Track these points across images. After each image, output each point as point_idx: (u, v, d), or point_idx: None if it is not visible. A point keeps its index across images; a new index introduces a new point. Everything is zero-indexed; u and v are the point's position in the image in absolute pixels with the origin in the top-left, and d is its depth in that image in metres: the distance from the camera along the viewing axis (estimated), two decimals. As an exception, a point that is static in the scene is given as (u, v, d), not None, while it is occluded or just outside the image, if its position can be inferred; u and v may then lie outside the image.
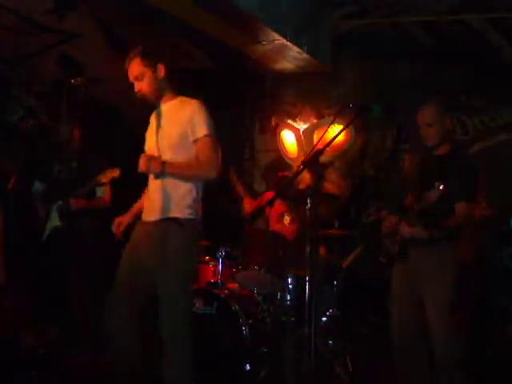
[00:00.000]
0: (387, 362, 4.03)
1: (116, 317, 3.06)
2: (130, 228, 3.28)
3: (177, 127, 3.10)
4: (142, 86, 3.14)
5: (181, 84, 3.26)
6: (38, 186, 4.74)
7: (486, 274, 5.01)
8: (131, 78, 3.17)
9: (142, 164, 3.01)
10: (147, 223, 3.14)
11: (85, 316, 4.43)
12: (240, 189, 5.35)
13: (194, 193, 3.10)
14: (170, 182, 3.06)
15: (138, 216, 3.28)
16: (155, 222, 3.08)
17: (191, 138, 3.08)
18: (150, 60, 3.13)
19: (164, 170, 3.00)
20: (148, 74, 3.12)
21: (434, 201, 3.22)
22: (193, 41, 5.62)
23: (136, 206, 3.35)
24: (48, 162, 4.86)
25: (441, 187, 3.20)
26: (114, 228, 3.28)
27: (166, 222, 3.04)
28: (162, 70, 3.15)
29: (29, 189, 4.81)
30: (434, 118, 3.53)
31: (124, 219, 3.30)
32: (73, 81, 2.93)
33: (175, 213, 3.05)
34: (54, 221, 4.60)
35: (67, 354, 4.24)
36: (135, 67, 3.14)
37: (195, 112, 3.08)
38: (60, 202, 4.56)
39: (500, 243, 5.14)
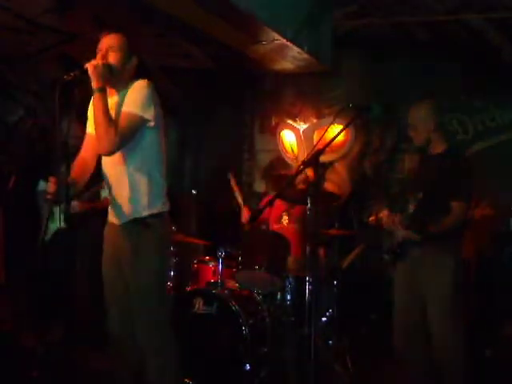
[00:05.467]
0: (387, 362, 4.03)
1: (114, 325, 3.02)
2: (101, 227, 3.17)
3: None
4: (110, 59, 2.87)
5: (182, 84, 3.21)
6: (42, 185, 4.71)
7: (486, 274, 5.02)
8: (100, 46, 2.90)
9: (92, 66, 2.75)
10: (114, 225, 3.02)
11: (88, 316, 4.43)
12: (238, 197, 5.24)
13: (153, 187, 2.92)
14: (125, 180, 2.91)
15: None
16: (120, 226, 2.96)
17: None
18: (128, 47, 2.94)
19: (95, 91, 2.76)
20: (120, 54, 2.90)
21: (413, 211, 3.29)
22: (193, 41, 5.62)
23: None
24: (54, 160, 4.80)
25: (419, 196, 3.26)
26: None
27: (131, 224, 2.92)
28: (134, 62, 2.96)
29: (30, 188, 4.79)
30: (416, 120, 3.52)
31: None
32: (65, 76, 2.79)
33: (138, 212, 2.90)
34: (58, 222, 4.56)
35: (67, 353, 4.24)
36: (114, 39, 2.92)
37: (133, 90, 2.87)
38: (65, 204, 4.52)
39: (500, 243, 5.14)
